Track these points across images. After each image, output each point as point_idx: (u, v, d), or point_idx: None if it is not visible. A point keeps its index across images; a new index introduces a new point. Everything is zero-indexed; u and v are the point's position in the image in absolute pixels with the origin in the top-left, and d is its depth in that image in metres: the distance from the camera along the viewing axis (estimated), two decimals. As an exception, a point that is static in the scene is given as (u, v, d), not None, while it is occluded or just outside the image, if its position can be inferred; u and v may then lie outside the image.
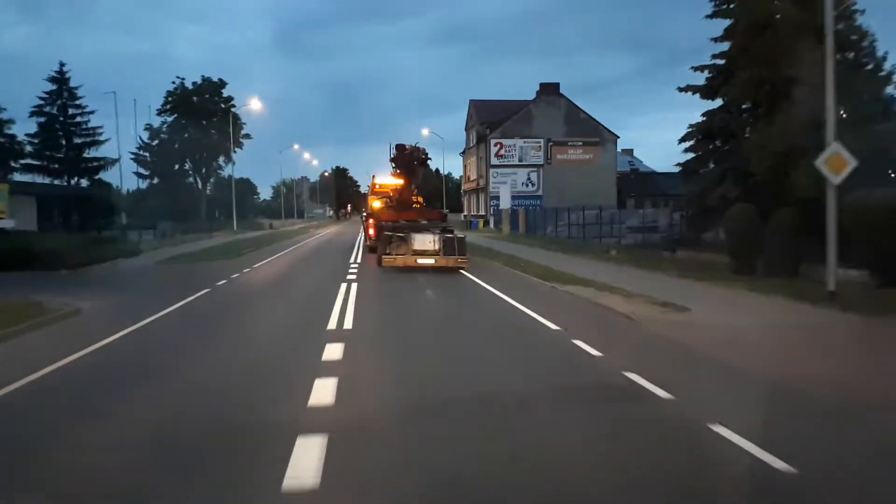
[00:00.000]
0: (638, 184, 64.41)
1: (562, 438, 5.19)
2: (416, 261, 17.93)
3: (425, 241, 18.20)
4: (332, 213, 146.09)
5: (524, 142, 57.08)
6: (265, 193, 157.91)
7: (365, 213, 33.46)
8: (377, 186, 27.84)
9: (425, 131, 65.42)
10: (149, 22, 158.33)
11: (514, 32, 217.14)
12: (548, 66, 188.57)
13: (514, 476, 4.46)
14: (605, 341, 8.75)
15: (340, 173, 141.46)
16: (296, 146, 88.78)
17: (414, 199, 23.71)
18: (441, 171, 68.89)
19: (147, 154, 61.38)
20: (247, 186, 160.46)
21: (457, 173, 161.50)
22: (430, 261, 17.89)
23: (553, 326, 10.14)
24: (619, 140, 58.98)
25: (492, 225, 52.35)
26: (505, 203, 49.26)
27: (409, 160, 23.50)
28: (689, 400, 6.14)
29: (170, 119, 57.21)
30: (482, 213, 59.59)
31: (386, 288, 16.23)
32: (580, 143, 57.67)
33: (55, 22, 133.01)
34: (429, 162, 27.48)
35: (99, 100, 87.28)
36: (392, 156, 24.84)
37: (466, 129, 66.61)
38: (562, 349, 8.65)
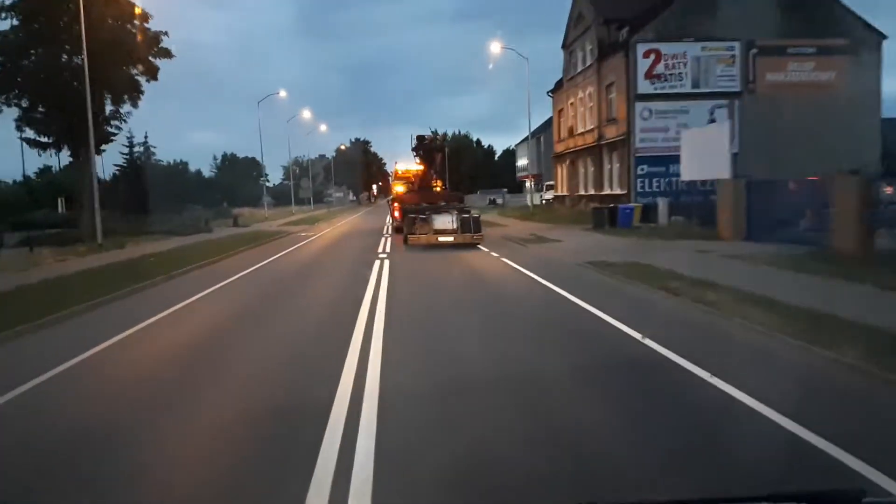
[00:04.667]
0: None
1: None
2: (437, 239, 19.43)
3: (445, 221, 19.76)
4: (353, 196, 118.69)
5: (703, 48, 28.70)
6: (277, 177, 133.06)
7: (390, 198, 33.15)
8: (400, 173, 28.89)
9: (497, 47, 37.26)
10: (174, 9, 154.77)
11: (536, 7, 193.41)
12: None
13: None
14: None
15: (362, 147, 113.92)
16: (305, 112, 61.48)
17: (434, 183, 26.75)
18: (527, 129, 40.82)
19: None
20: (251, 167, 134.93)
21: (500, 144, 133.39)
22: (449, 238, 19.41)
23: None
24: (885, 42, 30.02)
25: (663, 217, 24.13)
26: (714, 168, 21.02)
27: (428, 149, 28.04)
28: None
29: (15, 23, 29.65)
30: (608, 190, 31.50)
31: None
32: (812, 51, 29.09)
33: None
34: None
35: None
36: (413, 146, 28.76)
37: (565, 46, 38.04)
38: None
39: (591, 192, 33.58)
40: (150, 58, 30.51)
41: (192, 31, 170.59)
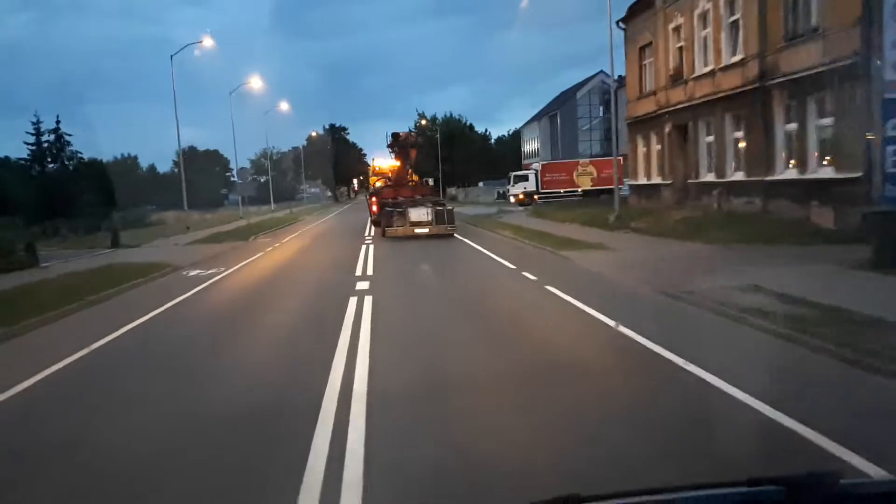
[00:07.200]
0: None
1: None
2: (413, 230, 20.24)
3: (420, 213, 20.58)
4: (329, 193, 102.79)
5: None
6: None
7: (368, 193, 33.98)
8: (377, 168, 30.33)
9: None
10: (148, 7, 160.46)
11: (518, 2, 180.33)
12: (558, 34, 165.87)
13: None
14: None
15: (337, 134, 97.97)
16: (252, 79, 45.88)
17: (409, 178, 26.05)
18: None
19: None
20: (213, 160, 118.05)
21: (495, 129, 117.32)
22: (424, 230, 20.27)
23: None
24: None
25: None
26: None
27: (403, 145, 25.87)
28: None
29: None
30: (789, 172, 16.58)
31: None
32: None
33: (55, 9, 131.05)
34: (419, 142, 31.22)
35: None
36: (389, 142, 26.71)
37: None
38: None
39: (738, 177, 18.51)
40: None
41: (165, 28, 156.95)
